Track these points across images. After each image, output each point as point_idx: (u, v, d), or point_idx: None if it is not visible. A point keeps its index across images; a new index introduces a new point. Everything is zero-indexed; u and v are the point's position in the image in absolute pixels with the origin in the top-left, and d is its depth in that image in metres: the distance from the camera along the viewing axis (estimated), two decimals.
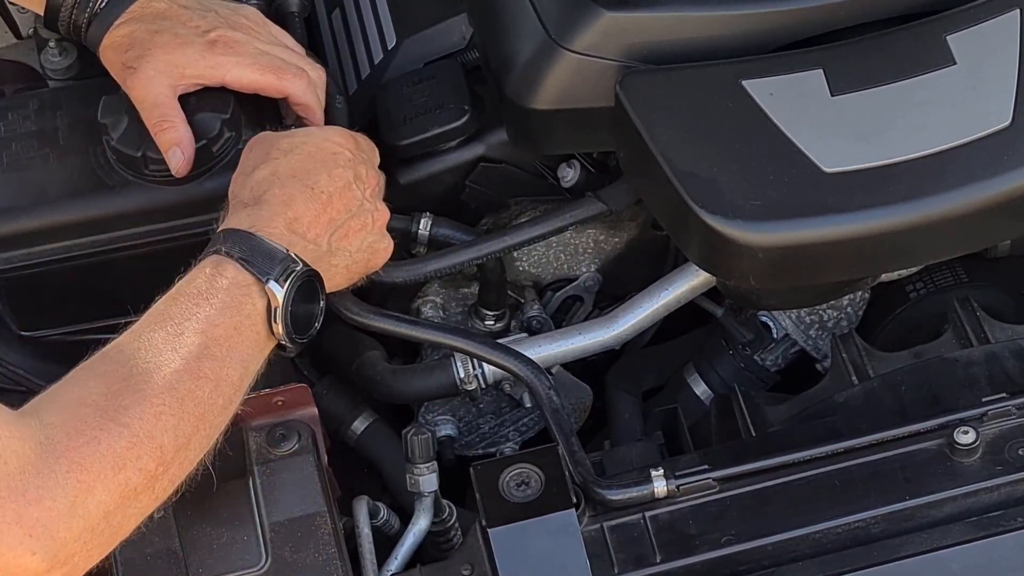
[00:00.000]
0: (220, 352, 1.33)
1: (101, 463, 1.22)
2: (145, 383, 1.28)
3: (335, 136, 1.52)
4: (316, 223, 1.45)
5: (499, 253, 1.66)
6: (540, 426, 1.87)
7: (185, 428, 1.29)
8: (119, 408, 1.25)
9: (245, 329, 1.36)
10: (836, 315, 1.83)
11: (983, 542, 1.40)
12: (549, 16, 1.55)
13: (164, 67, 1.57)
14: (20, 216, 1.62)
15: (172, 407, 1.28)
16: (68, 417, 1.24)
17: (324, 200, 1.45)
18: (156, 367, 1.29)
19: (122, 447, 1.24)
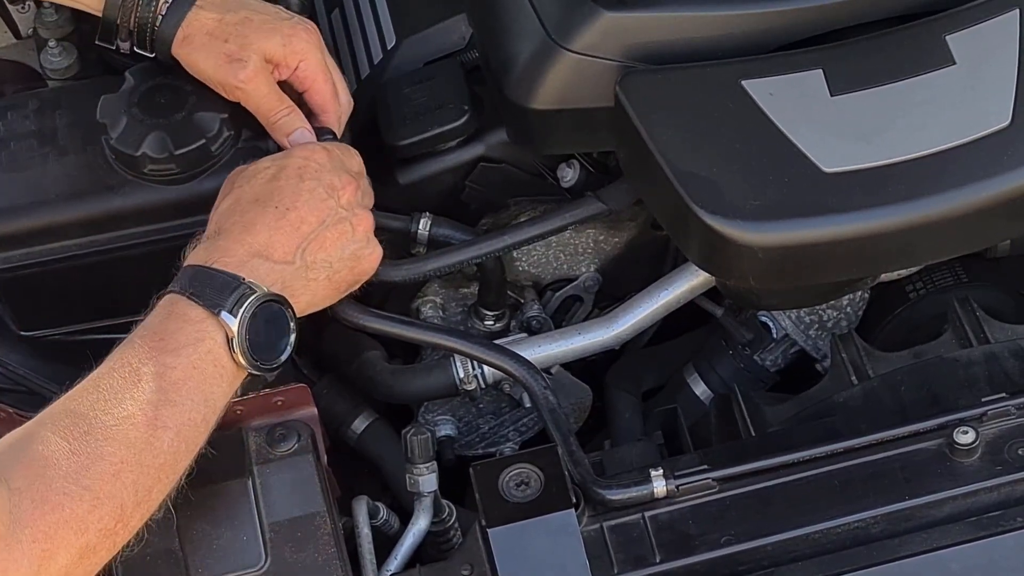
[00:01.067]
0: (178, 397, 1.33)
1: (65, 529, 1.24)
2: (104, 439, 1.28)
3: (299, 151, 1.51)
4: (283, 242, 1.43)
5: (498, 252, 1.66)
6: (540, 426, 1.87)
7: (145, 481, 1.30)
8: (80, 469, 1.26)
9: (205, 366, 1.35)
10: (836, 315, 1.83)
11: (983, 542, 1.40)
12: (549, 16, 1.55)
13: (261, 57, 1.56)
14: (20, 216, 1.62)
15: (131, 463, 1.29)
16: (33, 481, 1.25)
17: (290, 217, 1.44)
18: (114, 421, 1.29)
19: (84, 511, 1.25)
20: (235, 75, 1.56)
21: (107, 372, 1.33)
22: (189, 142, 1.59)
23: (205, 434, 1.36)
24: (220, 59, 1.56)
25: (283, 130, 1.58)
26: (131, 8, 1.57)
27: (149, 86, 1.62)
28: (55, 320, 1.68)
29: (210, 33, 1.56)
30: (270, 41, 1.57)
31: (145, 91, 1.62)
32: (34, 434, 1.29)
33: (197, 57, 1.57)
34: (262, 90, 1.57)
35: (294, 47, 1.58)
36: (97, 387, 1.32)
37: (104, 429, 1.28)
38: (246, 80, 1.56)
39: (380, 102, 1.72)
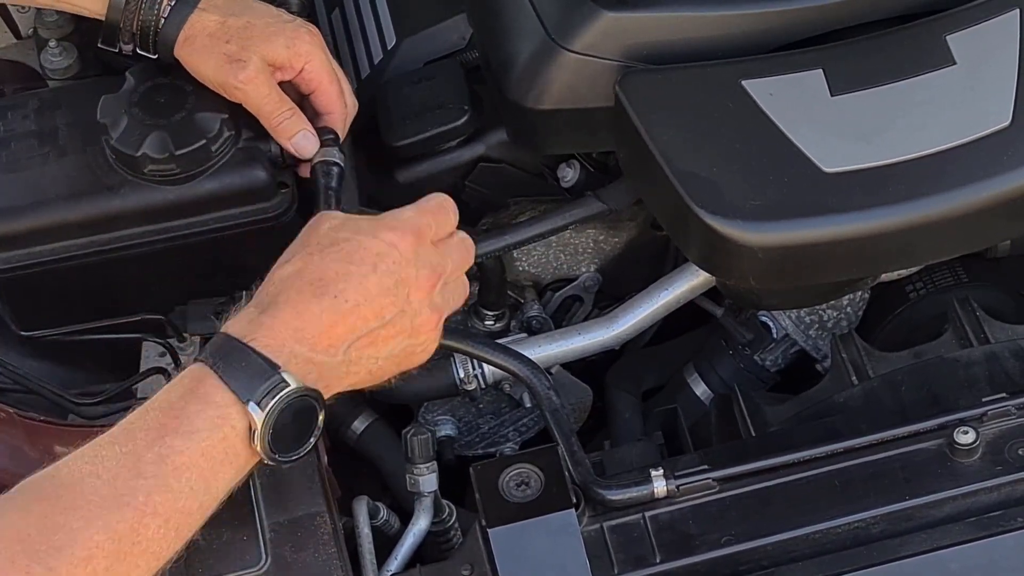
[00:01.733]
0: (178, 484, 1.23)
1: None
2: (83, 518, 1.19)
3: (388, 234, 1.35)
4: (329, 334, 1.31)
5: (498, 252, 1.66)
6: (540, 426, 1.87)
7: (119, 568, 1.20)
8: (50, 549, 1.17)
9: (216, 453, 1.25)
10: (836, 315, 1.83)
11: (983, 542, 1.40)
12: (549, 16, 1.55)
13: (263, 60, 1.56)
14: (20, 216, 1.62)
15: (106, 548, 1.19)
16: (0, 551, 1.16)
17: (346, 310, 1.31)
18: (100, 499, 1.20)
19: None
20: (235, 75, 1.56)
21: (109, 442, 1.24)
22: (189, 142, 1.59)
23: (199, 522, 1.27)
24: (221, 60, 1.56)
25: (285, 133, 1.58)
26: (134, 11, 1.57)
27: (149, 86, 1.62)
28: (55, 320, 1.68)
29: (211, 35, 1.56)
30: (273, 43, 1.57)
31: (145, 91, 1.62)
32: (16, 499, 1.20)
33: (198, 58, 1.57)
34: (262, 91, 1.57)
35: (298, 49, 1.58)
36: (94, 458, 1.23)
37: (85, 508, 1.19)
38: (246, 81, 1.56)
39: (380, 102, 1.72)
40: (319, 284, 1.31)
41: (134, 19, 1.57)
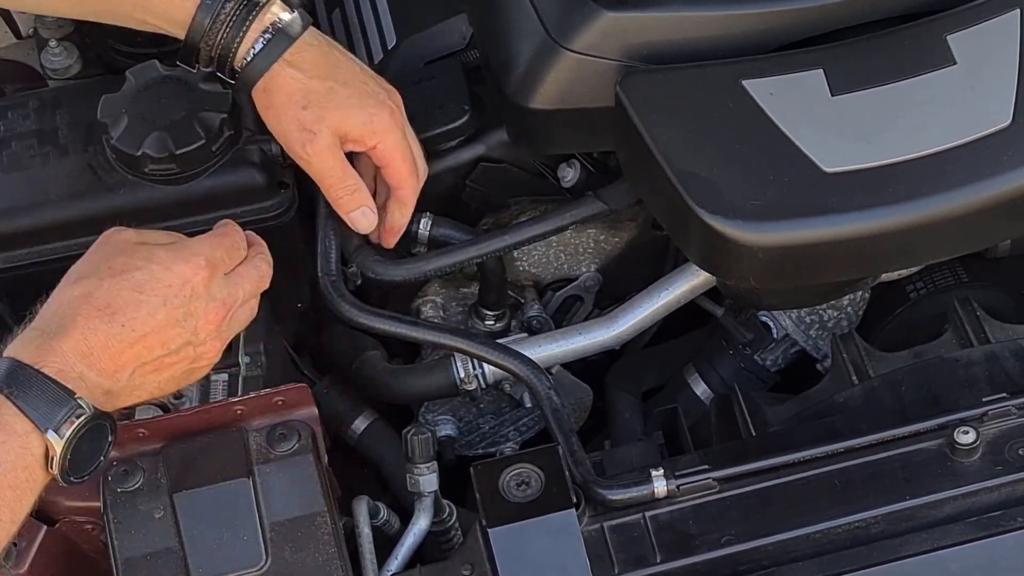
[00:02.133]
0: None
1: None
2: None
3: (182, 267, 1.36)
4: (115, 360, 1.32)
5: (499, 252, 1.66)
6: (540, 426, 1.87)
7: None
8: None
9: (22, 483, 1.26)
10: (836, 315, 1.83)
11: (983, 542, 1.40)
12: (549, 16, 1.55)
13: (336, 131, 1.54)
14: (20, 216, 1.62)
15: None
16: None
17: (133, 339, 1.33)
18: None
19: None
20: (303, 146, 1.54)
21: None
22: (190, 142, 1.59)
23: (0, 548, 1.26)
24: (292, 125, 1.53)
25: (344, 208, 1.58)
26: (216, 35, 1.52)
27: (150, 86, 1.62)
28: None
29: (290, 96, 1.53)
30: (349, 118, 1.54)
31: (145, 91, 1.62)
32: None
33: (271, 114, 1.54)
34: (327, 164, 1.55)
35: (374, 128, 1.55)
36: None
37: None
38: (312, 154, 1.54)
39: None
40: (107, 311, 1.32)
41: (215, 43, 1.52)
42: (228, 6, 1.51)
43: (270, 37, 1.52)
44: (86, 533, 1.52)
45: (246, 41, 1.52)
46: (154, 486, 1.42)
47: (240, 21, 1.51)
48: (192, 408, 1.50)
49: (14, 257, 1.63)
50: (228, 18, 1.51)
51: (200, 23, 1.51)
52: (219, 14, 1.51)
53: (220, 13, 1.51)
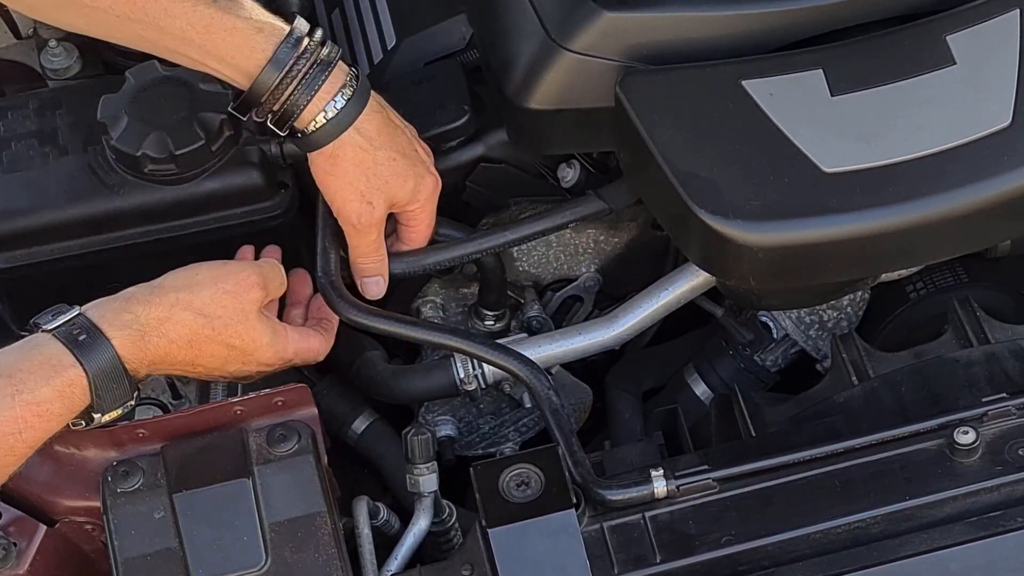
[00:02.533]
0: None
1: None
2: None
3: (262, 352, 1.50)
4: (172, 368, 1.45)
5: (498, 248, 1.66)
6: (540, 426, 1.87)
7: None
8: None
9: (47, 424, 1.36)
10: (836, 315, 1.83)
11: (983, 542, 1.40)
12: (549, 16, 1.55)
13: (390, 201, 1.55)
14: (20, 216, 1.62)
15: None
16: None
17: (194, 371, 1.47)
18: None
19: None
20: (358, 217, 1.54)
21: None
22: (189, 142, 1.59)
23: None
24: (353, 194, 1.53)
25: (362, 273, 1.60)
26: (286, 90, 1.48)
27: (149, 86, 1.62)
28: None
29: (357, 164, 1.52)
30: (403, 188, 1.55)
31: (145, 91, 1.62)
32: None
33: (332, 181, 1.53)
34: (371, 236, 1.57)
35: (418, 195, 1.57)
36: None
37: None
38: (364, 225, 1.55)
39: None
40: (193, 354, 1.44)
41: (282, 99, 1.49)
42: (301, 63, 1.48)
43: (344, 102, 1.50)
44: (86, 533, 1.52)
45: (316, 101, 1.49)
46: (154, 486, 1.42)
47: (313, 79, 1.48)
48: (192, 408, 1.50)
49: (14, 258, 1.63)
50: (301, 75, 1.48)
51: (268, 76, 1.48)
52: (291, 70, 1.48)
53: (292, 69, 1.48)
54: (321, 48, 1.49)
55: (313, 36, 1.49)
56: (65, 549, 1.51)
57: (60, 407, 1.35)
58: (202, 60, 1.49)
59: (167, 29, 1.46)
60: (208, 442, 1.45)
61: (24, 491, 1.49)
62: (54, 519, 1.50)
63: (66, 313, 1.40)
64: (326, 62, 1.49)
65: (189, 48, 1.48)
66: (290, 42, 1.48)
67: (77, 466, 1.48)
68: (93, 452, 1.47)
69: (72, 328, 1.38)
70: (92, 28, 1.51)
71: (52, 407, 1.34)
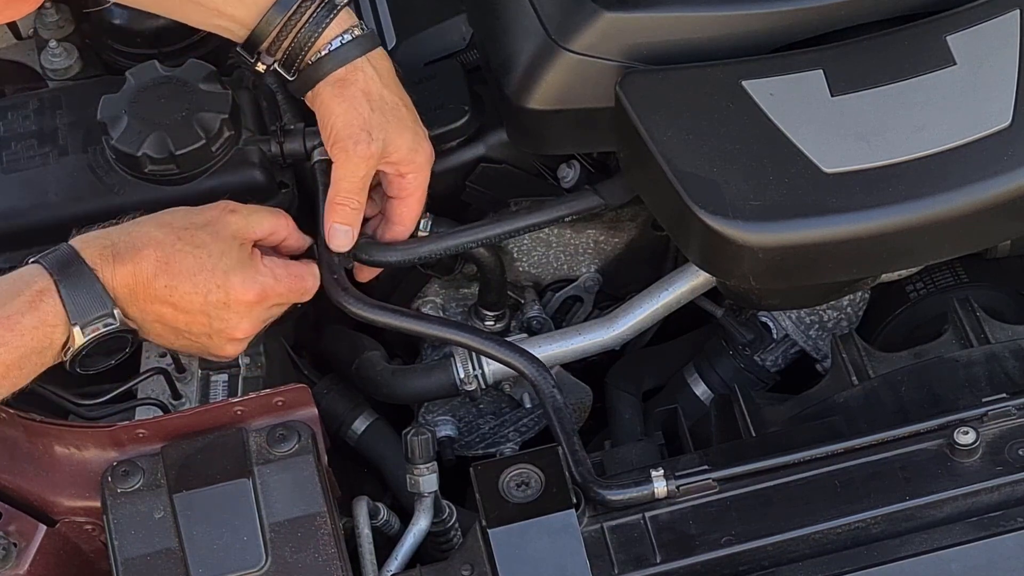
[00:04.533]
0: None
1: None
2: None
3: (237, 281, 1.49)
4: (147, 304, 1.47)
5: (494, 239, 1.65)
6: (540, 427, 1.87)
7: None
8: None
9: (21, 360, 1.40)
10: (836, 315, 1.83)
11: (983, 542, 1.40)
12: (549, 16, 1.55)
13: (387, 145, 1.54)
14: (20, 216, 1.62)
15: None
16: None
17: (165, 300, 1.47)
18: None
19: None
20: (355, 144, 1.53)
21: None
22: (189, 142, 1.59)
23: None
24: (356, 120, 1.53)
25: (334, 215, 1.56)
26: (291, 29, 1.51)
27: (149, 86, 1.62)
28: None
29: (365, 93, 1.53)
30: (403, 139, 1.55)
31: (145, 91, 1.62)
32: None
33: (337, 104, 1.53)
34: (359, 171, 1.54)
35: (415, 158, 1.56)
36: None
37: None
38: (356, 156, 1.53)
39: None
40: (164, 266, 1.46)
41: (288, 37, 1.52)
42: (306, 4, 1.51)
43: (352, 36, 1.53)
44: (86, 533, 1.52)
45: (325, 35, 1.52)
46: (154, 486, 1.43)
47: (321, 17, 1.52)
48: (192, 408, 1.50)
49: (14, 258, 1.62)
50: (311, 11, 1.51)
51: (274, 15, 1.51)
52: (298, 8, 1.51)
53: (300, 7, 1.51)
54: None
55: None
56: (65, 549, 1.51)
57: (32, 320, 1.39)
58: (212, 4, 1.52)
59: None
60: (208, 442, 1.45)
61: (24, 491, 1.49)
62: (54, 519, 1.50)
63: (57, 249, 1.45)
64: (332, 3, 1.52)
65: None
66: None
67: (77, 466, 1.48)
68: (93, 452, 1.47)
69: (51, 254, 1.43)
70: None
71: (23, 320, 1.39)
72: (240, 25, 1.53)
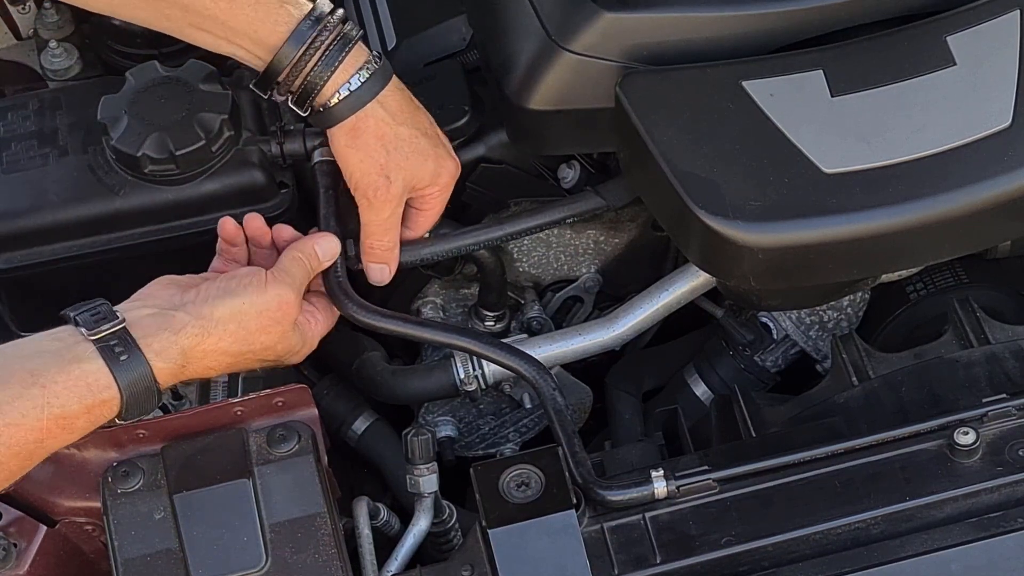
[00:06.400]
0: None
1: None
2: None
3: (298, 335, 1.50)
4: (209, 370, 1.45)
5: (495, 241, 1.65)
6: (540, 427, 1.87)
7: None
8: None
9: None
10: (836, 316, 1.83)
11: (983, 543, 1.40)
12: (549, 16, 1.55)
13: (409, 181, 1.54)
14: (20, 216, 1.62)
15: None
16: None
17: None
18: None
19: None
20: (375, 191, 1.53)
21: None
22: (189, 143, 1.59)
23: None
24: (373, 168, 1.52)
25: (371, 258, 1.57)
26: (307, 64, 1.49)
27: (149, 87, 1.62)
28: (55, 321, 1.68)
29: (379, 138, 1.52)
30: (423, 169, 1.55)
31: (146, 92, 1.62)
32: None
33: (352, 153, 1.53)
34: (386, 213, 1.55)
35: (437, 181, 1.56)
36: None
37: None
38: (381, 200, 1.53)
39: None
40: (232, 369, 1.45)
41: (303, 73, 1.49)
42: (323, 37, 1.48)
43: (367, 76, 1.50)
44: (86, 534, 1.52)
45: (337, 76, 1.49)
46: (154, 487, 1.43)
47: (334, 55, 1.48)
48: (192, 409, 1.50)
49: (14, 258, 1.63)
50: (323, 49, 1.48)
51: (289, 49, 1.48)
52: (313, 43, 1.48)
53: (315, 42, 1.48)
54: (343, 25, 1.50)
55: (334, 14, 1.50)
56: (65, 549, 1.51)
57: (86, 422, 1.34)
58: (225, 36, 1.49)
59: (190, 7, 1.47)
60: (208, 443, 1.45)
61: (24, 491, 1.49)
62: (54, 519, 1.50)
63: (108, 319, 1.37)
64: (347, 38, 1.49)
65: (212, 24, 1.48)
66: (312, 17, 1.48)
67: (77, 466, 1.48)
68: (93, 453, 1.47)
69: (113, 343, 1.36)
70: (115, 9, 1.52)
71: (78, 422, 1.34)
72: (257, 57, 1.51)
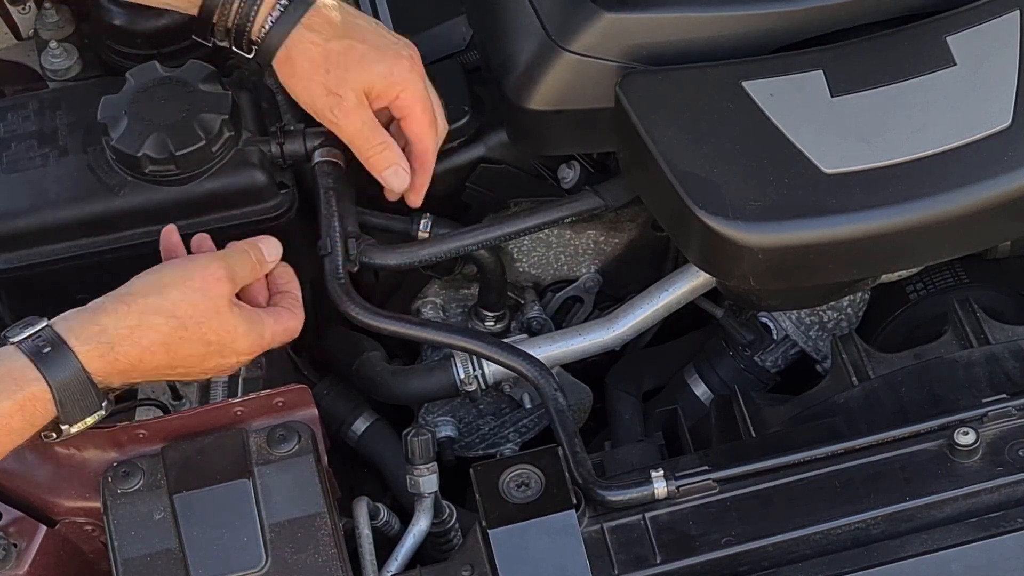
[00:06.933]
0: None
1: None
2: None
3: (223, 324, 1.44)
4: (148, 376, 1.43)
5: (494, 241, 1.66)
6: (540, 427, 1.87)
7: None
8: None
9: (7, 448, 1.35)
10: (836, 316, 1.84)
11: (983, 543, 1.40)
12: (549, 16, 1.55)
13: (360, 89, 1.53)
14: (21, 217, 1.62)
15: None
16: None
17: (172, 374, 1.44)
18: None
19: None
20: (331, 110, 1.54)
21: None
22: (189, 143, 1.59)
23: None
24: (318, 90, 1.53)
25: (376, 167, 1.57)
26: (230, 8, 1.52)
27: (149, 87, 1.62)
28: None
29: (312, 61, 1.52)
30: (370, 73, 1.54)
31: (146, 92, 1.62)
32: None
33: (295, 82, 1.54)
34: (355, 125, 1.55)
35: (395, 79, 1.55)
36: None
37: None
38: (341, 117, 1.54)
39: None
40: (169, 361, 1.41)
41: (229, 16, 1.53)
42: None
43: (287, 4, 1.52)
44: (86, 534, 1.52)
45: (263, 10, 1.52)
46: (154, 487, 1.43)
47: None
48: (192, 409, 1.50)
49: (14, 258, 1.63)
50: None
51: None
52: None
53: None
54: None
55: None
56: (65, 550, 1.51)
57: (21, 421, 1.34)
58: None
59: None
60: (208, 443, 1.45)
61: (24, 491, 1.49)
62: (54, 520, 1.50)
63: (34, 325, 1.38)
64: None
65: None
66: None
67: (77, 467, 1.48)
68: (93, 453, 1.47)
69: (38, 341, 1.36)
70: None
71: (12, 421, 1.33)
72: (190, 2, 1.53)
